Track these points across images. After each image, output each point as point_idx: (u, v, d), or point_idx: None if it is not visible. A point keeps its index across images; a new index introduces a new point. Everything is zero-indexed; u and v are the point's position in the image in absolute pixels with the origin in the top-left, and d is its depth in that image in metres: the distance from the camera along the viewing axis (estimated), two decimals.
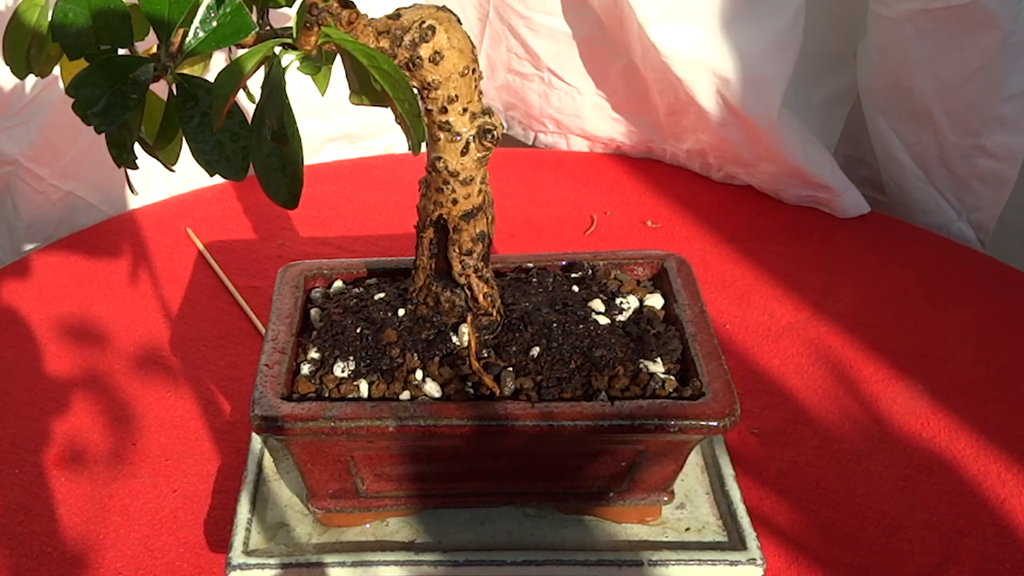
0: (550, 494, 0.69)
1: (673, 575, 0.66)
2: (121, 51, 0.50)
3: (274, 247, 1.08)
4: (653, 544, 0.68)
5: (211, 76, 0.50)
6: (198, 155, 0.49)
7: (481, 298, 0.65)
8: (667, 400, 0.63)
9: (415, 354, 0.65)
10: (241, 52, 0.49)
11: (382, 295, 0.69)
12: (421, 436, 0.62)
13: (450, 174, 0.62)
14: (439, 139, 0.61)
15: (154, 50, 0.50)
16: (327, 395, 0.64)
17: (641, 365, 0.65)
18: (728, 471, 0.72)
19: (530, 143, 1.34)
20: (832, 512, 0.76)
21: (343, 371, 0.64)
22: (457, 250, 0.64)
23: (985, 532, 0.75)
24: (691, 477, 0.73)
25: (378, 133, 1.30)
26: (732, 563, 0.66)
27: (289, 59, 0.52)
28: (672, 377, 0.65)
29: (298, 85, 0.55)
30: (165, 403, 0.87)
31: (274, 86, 0.49)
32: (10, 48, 0.54)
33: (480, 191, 0.63)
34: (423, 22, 0.57)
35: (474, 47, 0.59)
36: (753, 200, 1.17)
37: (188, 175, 1.19)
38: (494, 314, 0.66)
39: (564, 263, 0.75)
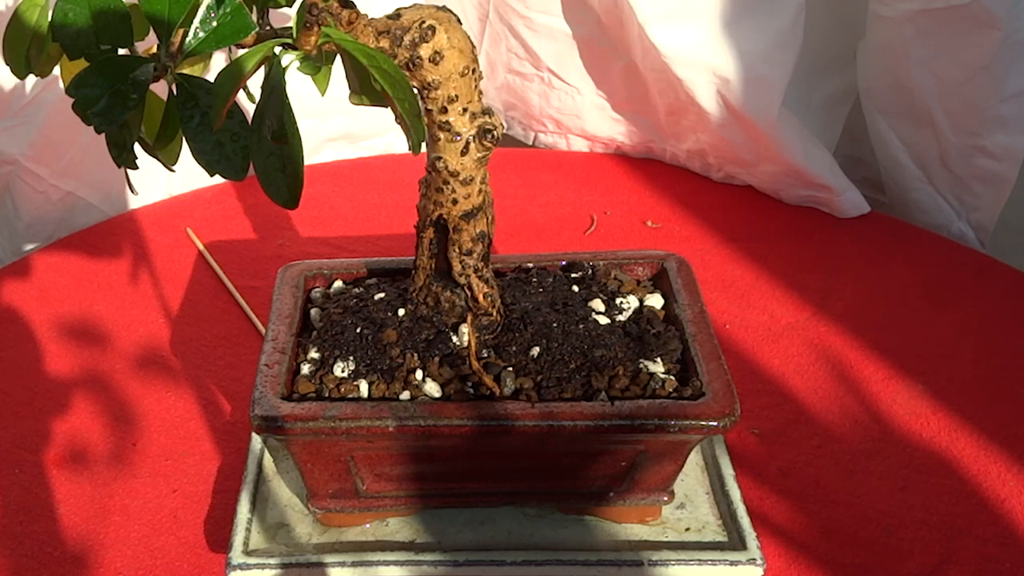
0: (550, 494, 0.69)
1: (673, 575, 0.66)
2: (121, 51, 0.50)
3: (274, 247, 1.08)
4: (653, 544, 0.68)
5: (211, 76, 0.50)
6: (198, 155, 0.49)
7: (481, 298, 0.65)
8: (667, 400, 0.63)
9: (415, 354, 0.65)
10: (241, 52, 0.49)
11: (382, 295, 0.69)
12: (421, 436, 0.62)
13: (450, 174, 0.62)
14: (439, 139, 0.61)
15: (154, 50, 0.50)
16: (327, 395, 0.64)
17: (641, 365, 0.65)
18: (728, 471, 0.72)
19: (530, 143, 1.34)
20: (832, 512, 0.76)
21: (343, 371, 0.64)
22: (457, 250, 0.64)
23: (985, 532, 0.75)
24: (691, 477, 0.73)
25: (378, 133, 1.30)
26: (732, 563, 0.66)
27: (289, 59, 0.52)
28: (672, 377, 0.65)
29: (298, 85, 0.55)
30: (165, 403, 0.87)
31: (274, 86, 0.49)
32: (10, 48, 0.54)
33: (480, 191, 0.63)
34: (423, 22, 0.57)
35: (474, 47, 0.59)
36: (753, 200, 1.17)
37: (188, 175, 1.19)
38: (494, 314, 0.66)
39: (564, 263, 0.75)
